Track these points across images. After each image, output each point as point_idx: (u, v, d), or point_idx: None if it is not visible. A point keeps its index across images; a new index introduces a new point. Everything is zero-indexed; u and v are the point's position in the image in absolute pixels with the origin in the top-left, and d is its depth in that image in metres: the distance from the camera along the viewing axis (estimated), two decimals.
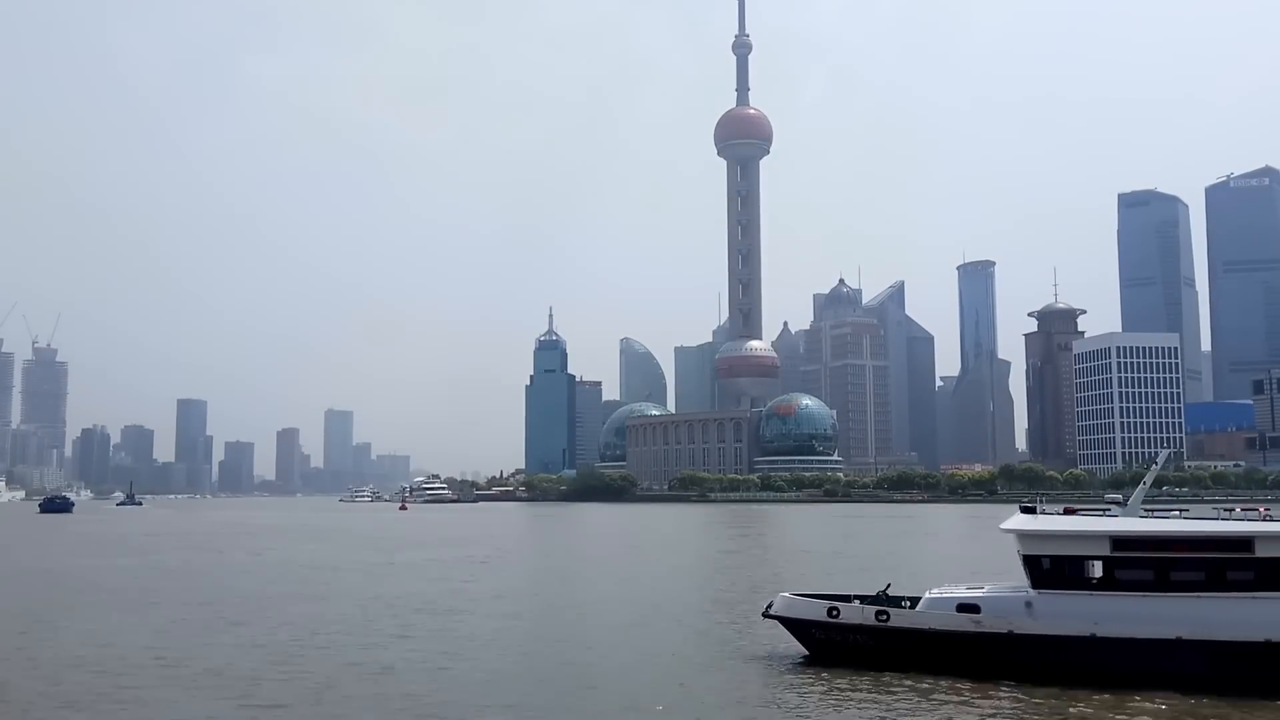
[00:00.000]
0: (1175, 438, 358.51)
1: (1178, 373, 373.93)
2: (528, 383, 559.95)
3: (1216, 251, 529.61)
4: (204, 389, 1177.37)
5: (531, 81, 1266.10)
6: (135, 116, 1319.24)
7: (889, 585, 33.35)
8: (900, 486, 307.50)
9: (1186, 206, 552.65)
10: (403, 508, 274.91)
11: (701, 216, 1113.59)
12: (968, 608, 29.58)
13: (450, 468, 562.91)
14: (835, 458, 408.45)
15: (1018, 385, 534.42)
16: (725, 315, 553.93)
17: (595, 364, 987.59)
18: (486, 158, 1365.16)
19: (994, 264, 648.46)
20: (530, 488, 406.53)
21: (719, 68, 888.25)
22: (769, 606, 33.15)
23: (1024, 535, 29.83)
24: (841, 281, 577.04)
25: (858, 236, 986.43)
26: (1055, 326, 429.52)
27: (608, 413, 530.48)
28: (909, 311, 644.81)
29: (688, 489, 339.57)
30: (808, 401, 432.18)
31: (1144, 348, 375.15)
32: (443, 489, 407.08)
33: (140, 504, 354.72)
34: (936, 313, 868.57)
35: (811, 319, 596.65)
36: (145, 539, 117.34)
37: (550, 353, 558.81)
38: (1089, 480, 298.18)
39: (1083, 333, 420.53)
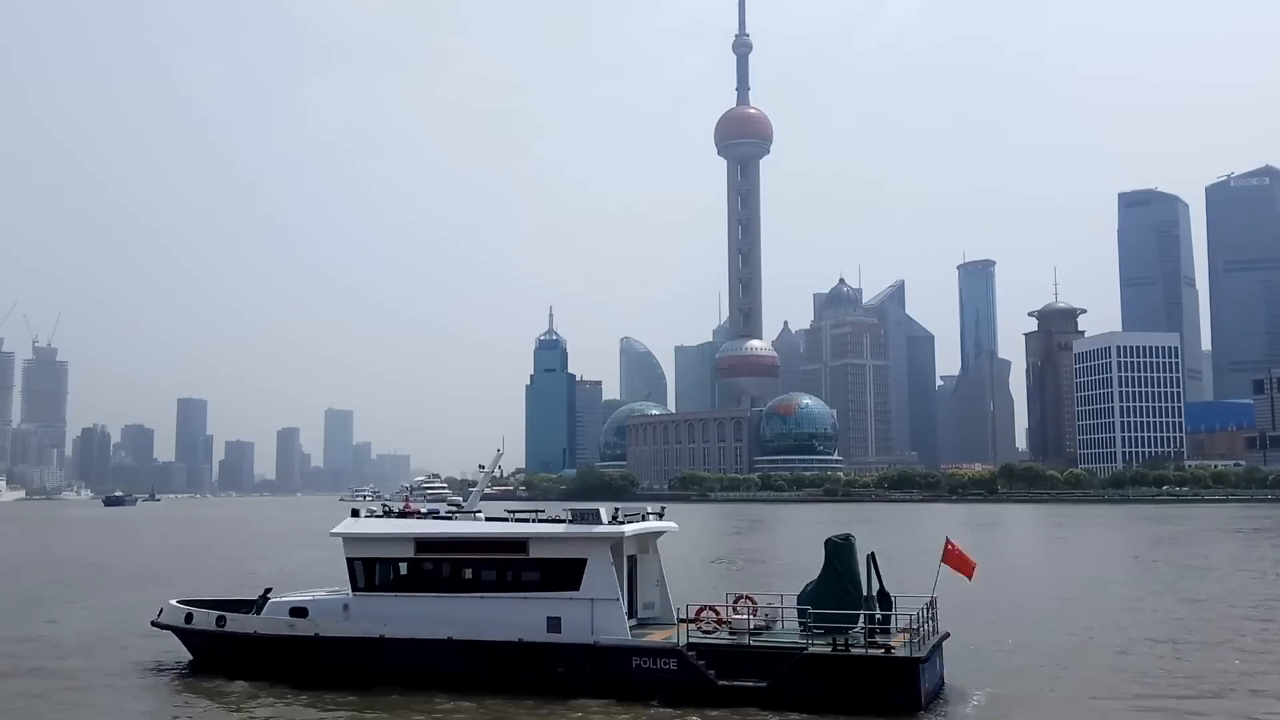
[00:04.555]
0: (1175, 437, 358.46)
1: (1178, 372, 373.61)
2: (528, 382, 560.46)
3: (1216, 251, 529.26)
4: (204, 389, 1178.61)
5: (546, 96, 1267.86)
6: (153, 122, 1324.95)
7: (270, 589, 32.73)
8: (900, 486, 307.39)
9: (1186, 206, 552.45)
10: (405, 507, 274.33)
11: (701, 216, 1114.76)
12: (299, 611, 29.86)
13: (450, 467, 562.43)
14: (835, 457, 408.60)
15: (1018, 385, 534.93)
16: (725, 315, 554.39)
17: (595, 364, 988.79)
18: (491, 163, 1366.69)
19: (994, 264, 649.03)
20: (530, 487, 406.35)
21: (719, 68, 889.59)
22: (160, 614, 32.73)
23: (347, 539, 29.98)
24: (841, 281, 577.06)
25: (858, 236, 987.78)
26: (1055, 326, 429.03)
27: (608, 412, 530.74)
28: (909, 311, 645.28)
29: (688, 488, 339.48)
30: (808, 401, 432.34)
31: (1144, 347, 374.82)
32: (444, 488, 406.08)
33: (159, 500, 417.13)
34: (936, 312, 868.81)
35: (811, 318, 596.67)
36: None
37: (550, 353, 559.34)
38: (1089, 480, 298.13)
39: (1083, 332, 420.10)
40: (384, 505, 33.47)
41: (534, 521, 29.43)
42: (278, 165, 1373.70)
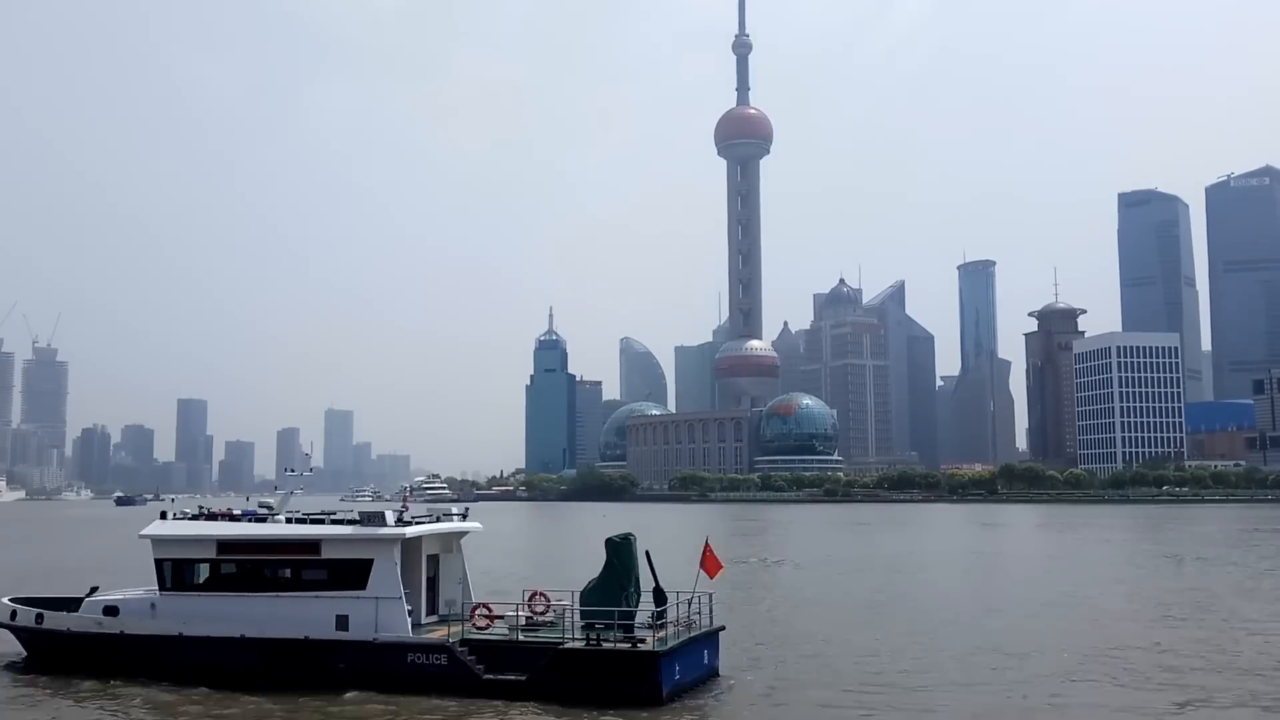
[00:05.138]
0: (1175, 437, 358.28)
1: (1178, 372, 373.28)
2: (528, 383, 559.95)
3: (1216, 251, 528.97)
4: (204, 389, 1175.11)
5: (548, 99, 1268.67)
6: (154, 123, 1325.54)
7: (96, 587, 33.67)
8: (901, 486, 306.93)
9: (1186, 206, 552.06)
10: (404, 507, 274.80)
11: (701, 216, 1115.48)
12: (111, 610, 31.11)
13: (450, 467, 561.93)
14: (835, 457, 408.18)
15: (1018, 385, 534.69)
16: (725, 315, 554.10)
17: (595, 364, 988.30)
18: (492, 164, 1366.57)
19: (994, 264, 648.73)
20: (530, 487, 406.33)
21: (720, 70, 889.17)
22: None
23: (155, 540, 31.28)
24: (841, 281, 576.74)
25: (858, 236, 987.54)
26: (1055, 326, 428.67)
27: (608, 412, 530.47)
28: (909, 311, 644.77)
29: (688, 489, 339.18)
30: (808, 401, 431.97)
31: (1144, 347, 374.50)
32: (443, 489, 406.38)
33: (163, 500, 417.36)
34: (936, 313, 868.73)
35: (811, 319, 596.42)
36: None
37: (550, 353, 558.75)
38: (1089, 480, 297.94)
39: (1083, 332, 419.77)
40: (199, 508, 34.62)
41: (328, 523, 30.64)
42: (278, 167, 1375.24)
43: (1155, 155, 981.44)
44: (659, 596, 29.12)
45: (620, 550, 29.02)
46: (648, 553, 29.82)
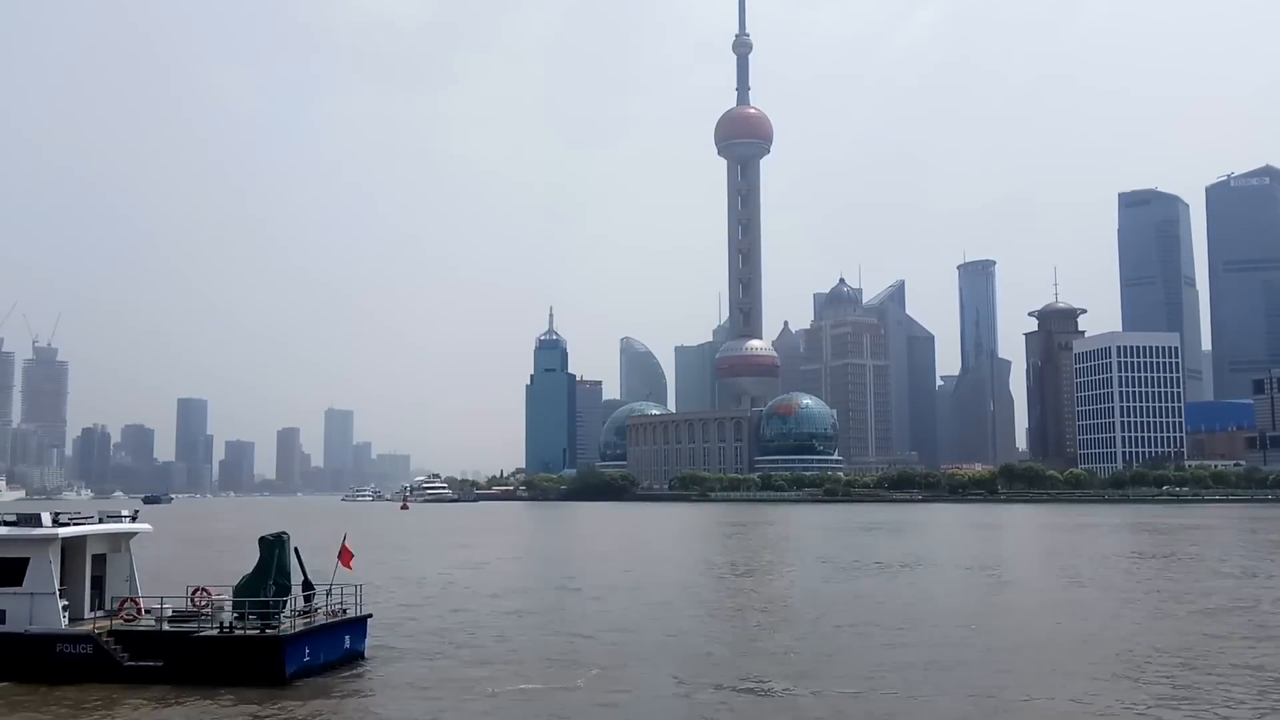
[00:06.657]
0: (1175, 437, 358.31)
1: (1178, 372, 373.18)
2: (528, 382, 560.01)
3: (1216, 251, 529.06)
4: (204, 389, 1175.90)
5: (550, 105, 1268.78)
6: (156, 126, 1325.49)
7: None
8: (901, 486, 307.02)
9: (1187, 206, 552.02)
10: (404, 507, 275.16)
11: (701, 216, 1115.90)
12: None
13: (451, 467, 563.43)
14: (835, 457, 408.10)
15: (1018, 385, 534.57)
16: (725, 315, 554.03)
17: (595, 364, 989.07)
18: (493, 165, 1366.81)
19: (994, 263, 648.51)
20: (531, 487, 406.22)
21: (720, 67, 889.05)
22: None
23: None
24: (841, 281, 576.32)
25: (858, 236, 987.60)
26: (1055, 326, 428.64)
27: (608, 412, 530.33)
28: (909, 311, 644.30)
29: (688, 488, 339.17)
30: (808, 401, 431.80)
31: (1144, 347, 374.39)
32: (444, 488, 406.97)
33: (172, 499, 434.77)
34: (937, 312, 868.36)
35: (811, 318, 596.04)
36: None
37: (550, 352, 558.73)
38: (1089, 480, 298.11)
39: (1083, 332, 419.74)
40: None
41: None
42: (279, 169, 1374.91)
43: (1155, 155, 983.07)
44: (306, 588, 32.33)
45: (271, 547, 31.66)
46: (297, 549, 32.67)
